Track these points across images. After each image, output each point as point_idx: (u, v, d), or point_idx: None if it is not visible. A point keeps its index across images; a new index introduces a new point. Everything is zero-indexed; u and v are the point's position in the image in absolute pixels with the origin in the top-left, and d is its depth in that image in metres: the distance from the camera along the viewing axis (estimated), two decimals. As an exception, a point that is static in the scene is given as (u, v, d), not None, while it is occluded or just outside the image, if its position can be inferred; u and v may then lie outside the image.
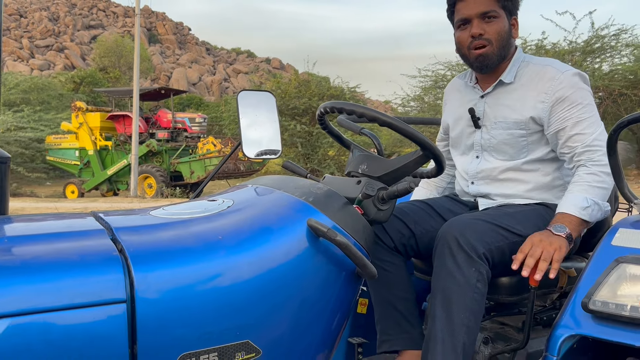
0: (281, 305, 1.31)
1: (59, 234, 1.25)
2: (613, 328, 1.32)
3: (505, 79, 1.91)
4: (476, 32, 1.85)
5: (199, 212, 1.39)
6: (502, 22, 1.87)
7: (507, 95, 1.91)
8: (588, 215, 1.71)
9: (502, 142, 1.91)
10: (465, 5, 1.87)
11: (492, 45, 1.86)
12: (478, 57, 1.88)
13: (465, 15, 1.87)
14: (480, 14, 1.85)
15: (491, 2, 1.85)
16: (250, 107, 2.03)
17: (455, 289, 1.60)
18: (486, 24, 1.85)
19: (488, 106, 1.95)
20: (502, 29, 1.86)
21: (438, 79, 20.57)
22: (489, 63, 1.89)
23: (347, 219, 1.43)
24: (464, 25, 1.89)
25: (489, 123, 1.94)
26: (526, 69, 1.91)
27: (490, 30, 1.85)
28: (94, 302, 1.11)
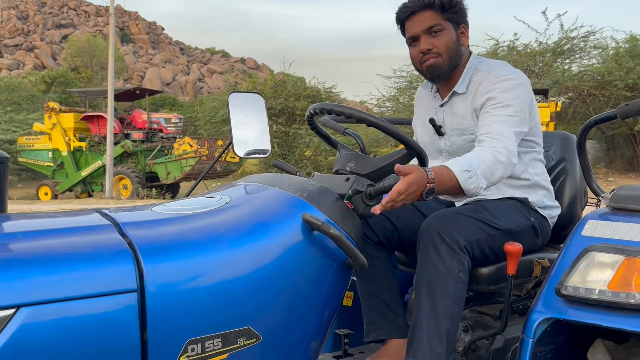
0: (279, 295, 1.40)
1: (70, 229, 1.32)
2: (583, 311, 1.44)
3: (458, 89, 2.01)
4: (424, 47, 1.94)
5: (199, 208, 1.47)
6: (449, 34, 1.95)
7: (460, 104, 2.02)
8: (464, 179, 1.65)
9: (460, 147, 2.02)
10: (411, 24, 1.96)
11: (442, 57, 1.95)
12: (429, 68, 1.97)
13: (412, 33, 1.97)
14: (426, 30, 1.93)
15: (435, 17, 1.93)
16: (240, 108, 2.12)
17: (439, 279, 1.71)
18: (433, 38, 1.94)
19: (446, 114, 2.06)
20: (449, 40, 1.95)
21: (413, 80, 20.86)
22: (439, 73, 1.97)
23: (338, 214, 1.52)
24: (414, 42, 1.99)
25: (448, 130, 2.05)
26: (476, 76, 1.99)
27: (438, 43, 1.94)
28: (107, 291, 1.18)
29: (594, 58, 19.76)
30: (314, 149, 21.19)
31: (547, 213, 2.04)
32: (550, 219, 2.05)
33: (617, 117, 1.52)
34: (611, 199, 1.61)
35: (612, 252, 1.44)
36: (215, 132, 23.17)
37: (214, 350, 1.28)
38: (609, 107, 17.37)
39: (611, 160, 20.97)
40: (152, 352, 1.21)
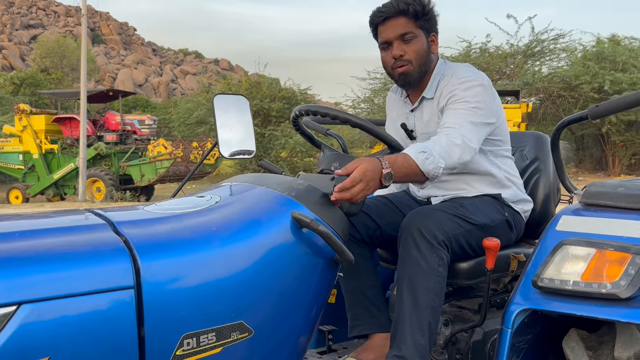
0: (270, 290, 1.45)
1: (66, 228, 1.35)
2: (558, 301, 1.52)
3: (427, 94, 2.08)
4: (397, 53, 2.00)
5: (191, 208, 1.51)
6: (421, 42, 2.01)
7: (429, 108, 2.09)
8: (421, 160, 1.69)
9: None
10: (385, 29, 2.01)
11: (413, 64, 2.01)
12: (400, 75, 2.03)
13: (385, 38, 2.02)
14: (399, 36, 1.99)
15: (408, 24, 1.98)
16: (225, 110, 2.16)
17: (420, 274, 1.77)
18: (405, 44, 1.99)
19: (416, 119, 2.14)
20: (420, 48, 2.01)
21: (387, 82, 21.00)
22: (410, 80, 2.04)
23: (326, 211, 1.58)
24: (386, 47, 2.04)
25: (419, 134, 2.13)
26: (442, 81, 2.05)
27: (410, 51, 1.99)
28: (104, 288, 1.22)
29: (563, 60, 20.20)
30: (289, 150, 21.22)
31: (520, 207, 2.13)
32: (523, 213, 2.13)
33: (588, 118, 1.61)
34: (583, 196, 1.69)
35: (585, 246, 1.52)
36: (190, 133, 23.03)
37: (208, 344, 1.33)
38: (578, 108, 17.76)
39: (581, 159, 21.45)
40: (149, 347, 1.25)
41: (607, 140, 18.92)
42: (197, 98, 24.29)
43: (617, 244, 1.47)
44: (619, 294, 1.39)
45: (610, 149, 19.16)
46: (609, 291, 1.41)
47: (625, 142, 18.73)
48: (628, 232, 1.50)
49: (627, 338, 1.49)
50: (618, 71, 17.65)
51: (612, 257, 1.47)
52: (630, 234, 1.49)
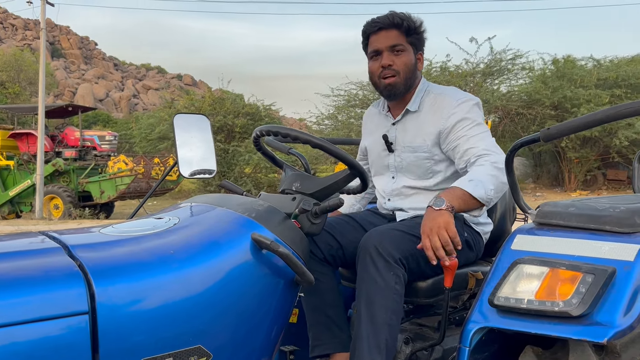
0: (229, 312, 1.43)
1: (18, 253, 1.32)
2: (514, 319, 1.55)
3: (411, 107, 2.14)
4: (386, 62, 2.07)
5: (148, 230, 1.49)
6: (409, 56, 2.10)
7: (413, 122, 2.15)
8: (472, 187, 1.81)
9: (410, 163, 2.13)
10: (377, 38, 2.10)
11: (400, 76, 2.08)
12: (387, 86, 2.10)
13: (376, 47, 2.10)
14: (390, 47, 2.07)
15: (400, 37, 2.08)
16: (186, 129, 2.15)
17: (377, 291, 1.79)
18: (395, 56, 2.08)
19: (398, 132, 2.18)
20: (409, 62, 2.10)
21: (350, 99, 21.22)
22: (396, 92, 2.11)
23: (286, 232, 1.58)
24: (376, 56, 2.12)
25: (400, 147, 2.17)
26: (427, 97, 2.14)
27: (399, 62, 2.08)
28: (58, 314, 1.19)
29: (522, 79, 20.76)
30: (253, 166, 21.13)
31: (481, 229, 2.17)
32: (484, 234, 2.18)
33: (540, 140, 1.66)
34: (537, 215, 1.73)
35: (538, 265, 1.56)
36: (152, 149, 22.71)
37: (165, 370, 1.31)
38: (536, 125, 18.26)
39: (538, 175, 21.99)
40: (105, 374, 1.23)
41: (564, 157, 19.47)
42: (160, 113, 24.01)
43: (568, 263, 1.51)
44: (571, 312, 1.42)
45: (567, 166, 19.71)
46: (561, 309, 1.44)
47: (581, 159, 19.30)
48: (579, 251, 1.54)
49: (579, 354, 1.52)
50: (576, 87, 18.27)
51: (564, 276, 1.50)
52: (581, 253, 1.53)
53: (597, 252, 1.51)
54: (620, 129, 17.50)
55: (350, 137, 18.71)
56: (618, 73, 19.21)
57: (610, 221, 1.57)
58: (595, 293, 1.42)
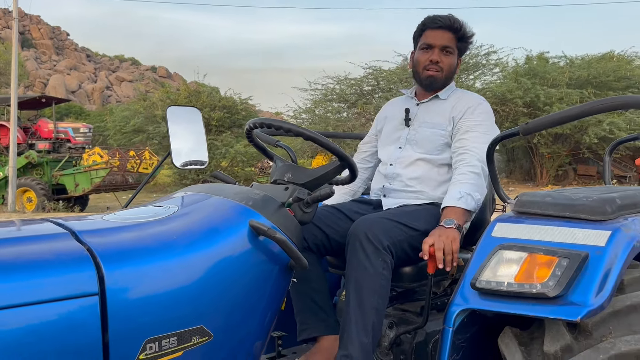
0: (229, 295, 1.51)
1: (28, 238, 1.37)
2: (494, 301, 1.66)
3: (441, 95, 2.36)
4: (435, 58, 2.29)
5: (150, 217, 1.56)
6: (454, 58, 2.33)
7: (437, 106, 2.36)
8: (463, 203, 2.05)
9: (424, 137, 2.32)
10: (433, 34, 2.30)
11: (442, 72, 2.31)
12: (429, 77, 2.31)
13: (431, 42, 2.30)
14: (442, 46, 2.29)
15: (452, 40, 2.30)
16: (178, 121, 2.21)
17: (366, 277, 1.89)
18: (444, 55, 2.30)
19: (420, 111, 2.38)
20: (452, 63, 2.33)
21: (328, 93, 21.30)
22: (435, 85, 2.33)
23: (281, 220, 1.66)
24: (426, 49, 2.31)
25: (417, 122, 2.35)
26: (456, 93, 2.37)
27: (445, 61, 2.30)
28: (69, 295, 1.25)
29: (496, 75, 21.09)
30: (230, 160, 21.10)
31: None
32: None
33: (520, 134, 1.77)
34: (515, 205, 1.84)
35: (518, 250, 1.67)
36: (127, 142, 22.49)
37: (170, 349, 1.38)
38: (509, 122, 18.59)
39: (511, 171, 22.43)
40: (113, 352, 1.29)
41: (536, 152, 19.87)
42: (134, 106, 23.78)
43: (545, 248, 1.63)
44: (547, 293, 1.54)
45: (539, 161, 20.13)
46: (539, 291, 1.55)
47: (552, 154, 19.72)
48: (555, 238, 1.65)
49: (554, 333, 1.63)
50: (549, 87, 18.63)
51: (541, 260, 1.62)
52: (557, 239, 1.64)
53: (572, 238, 1.62)
54: (591, 126, 17.94)
55: (327, 130, 18.84)
56: (589, 71, 19.67)
57: (584, 210, 1.68)
58: (570, 276, 1.54)
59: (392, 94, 19.76)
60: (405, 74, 20.03)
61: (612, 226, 1.62)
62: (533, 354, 1.68)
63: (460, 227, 2.01)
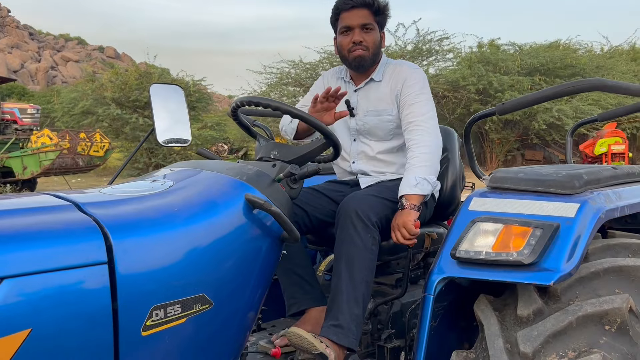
0: (228, 265, 1.58)
1: (36, 209, 1.39)
2: (473, 270, 1.78)
3: (375, 77, 2.37)
4: (357, 39, 2.29)
5: (148, 190, 1.60)
6: (376, 34, 2.33)
7: (376, 90, 2.37)
8: (419, 189, 2.11)
9: (373, 126, 2.35)
10: (349, 15, 2.29)
11: (368, 51, 2.30)
12: (357, 57, 2.31)
13: (348, 24, 2.30)
14: (361, 25, 2.29)
15: (370, 17, 2.30)
16: (161, 99, 2.24)
17: (357, 252, 1.98)
18: (365, 33, 2.30)
19: (360, 98, 2.39)
20: (376, 39, 2.33)
21: (283, 77, 21.25)
22: (365, 64, 2.33)
23: (275, 194, 1.73)
24: (347, 32, 2.31)
25: (362, 112, 2.38)
26: (387, 68, 2.38)
27: (368, 39, 2.30)
28: (80, 264, 1.29)
29: (449, 61, 21.49)
30: (183, 143, 20.79)
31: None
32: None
33: (496, 114, 1.88)
34: (490, 180, 1.97)
35: (494, 222, 1.79)
36: (75, 124, 21.84)
37: (174, 315, 1.44)
38: (461, 108, 19.02)
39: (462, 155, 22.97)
40: (122, 319, 1.34)
41: (486, 138, 20.41)
42: (82, 87, 23.08)
43: (520, 220, 1.75)
44: (523, 261, 1.66)
45: (489, 146, 20.69)
46: (515, 259, 1.68)
47: (502, 140, 20.32)
48: (528, 210, 1.78)
49: (526, 298, 1.77)
50: (501, 74, 19.12)
51: (516, 231, 1.74)
52: (530, 212, 1.77)
53: (544, 211, 1.76)
54: (539, 113, 18.55)
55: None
56: (538, 59, 20.30)
57: (554, 184, 1.82)
58: (544, 244, 1.67)
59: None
60: (360, 59, 20.13)
61: (580, 199, 1.76)
62: (507, 318, 1.81)
63: (416, 207, 2.10)
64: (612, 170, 2.02)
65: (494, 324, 1.77)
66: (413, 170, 2.14)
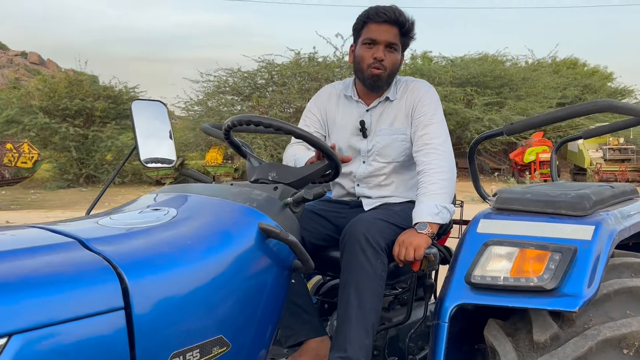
0: (244, 302, 1.45)
1: (37, 249, 1.20)
2: (490, 296, 1.72)
3: (391, 96, 2.24)
4: (380, 56, 2.14)
5: (153, 221, 1.44)
6: (398, 55, 2.20)
7: (389, 109, 2.24)
8: (440, 218, 2.03)
9: (386, 146, 2.22)
10: (378, 29, 2.15)
11: (386, 71, 2.17)
12: (373, 76, 2.17)
13: (375, 38, 2.15)
14: (387, 43, 2.15)
15: (397, 36, 2.16)
16: (143, 116, 2.07)
17: (367, 278, 1.88)
18: (388, 52, 2.16)
19: (373, 117, 2.26)
20: (397, 60, 2.20)
21: (221, 85, 20.93)
22: (380, 84, 2.19)
23: (286, 221, 1.61)
24: (370, 45, 2.16)
25: (374, 132, 2.24)
26: (400, 85, 2.26)
27: (389, 59, 2.16)
28: (96, 311, 1.13)
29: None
30: (116, 153, 20.07)
31: None
32: None
33: (504, 134, 1.85)
34: (495, 202, 1.93)
35: (508, 245, 1.75)
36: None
37: (194, 361, 1.29)
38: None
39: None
40: (141, 369, 1.19)
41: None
42: (6, 95, 21.85)
43: (536, 243, 1.72)
44: (545, 286, 1.62)
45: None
46: (536, 284, 1.64)
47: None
48: (542, 233, 1.75)
49: (541, 323, 1.73)
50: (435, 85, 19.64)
51: (532, 255, 1.71)
52: (544, 234, 1.74)
53: (560, 233, 1.73)
54: (471, 122, 19.17)
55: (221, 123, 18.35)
56: (469, 71, 21.01)
57: (565, 206, 1.80)
58: (564, 269, 1.63)
59: (286, 87, 19.84)
60: (299, 69, 20.17)
61: (594, 221, 1.74)
62: (520, 344, 1.77)
63: (433, 235, 2.03)
64: (611, 189, 2.03)
65: (510, 351, 1.72)
66: (433, 197, 2.05)
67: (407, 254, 1.93)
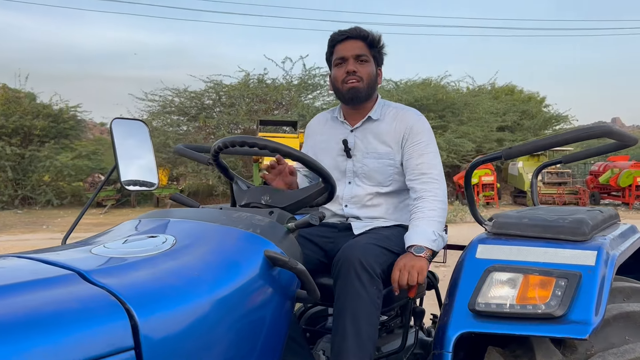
0: (252, 337, 1.35)
1: (35, 283, 1.06)
2: (495, 324, 1.68)
3: (373, 115, 2.22)
4: (351, 69, 2.15)
5: (153, 250, 1.32)
6: (372, 67, 2.20)
7: (374, 130, 2.22)
8: (436, 246, 2.01)
9: (372, 169, 2.19)
10: (343, 47, 2.18)
11: (363, 82, 2.17)
12: (351, 89, 2.16)
13: (342, 55, 2.17)
14: (355, 56, 2.17)
15: (364, 49, 2.18)
16: (124, 136, 1.94)
17: (363, 306, 1.80)
18: (359, 64, 2.17)
19: (357, 138, 2.23)
20: (371, 72, 2.20)
21: (166, 104, 20.53)
22: (359, 96, 2.18)
23: (291, 247, 1.53)
24: (341, 64, 2.19)
25: (360, 153, 2.21)
26: (388, 109, 2.25)
27: (363, 70, 2.17)
28: (105, 352, 1.01)
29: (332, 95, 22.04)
30: (55, 173, 19.27)
31: None
32: None
33: (502, 158, 1.83)
34: (492, 226, 1.90)
35: (511, 272, 1.72)
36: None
37: (204, 405, 1.18)
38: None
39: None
40: (151, 416, 1.07)
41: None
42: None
43: (539, 269, 1.69)
44: (553, 313, 1.59)
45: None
46: (544, 311, 1.61)
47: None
48: (544, 258, 1.73)
49: (545, 351, 1.70)
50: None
51: (535, 281, 1.68)
52: (548, 260, 1.72)
53: (562, 259, 1.71)
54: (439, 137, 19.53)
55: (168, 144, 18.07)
56: (413, 95, 21.49)
57: (564, 231, 1.79)
58: (571, 295, 1.61)
59: (234, 108, 19.67)
60: (247, 91, 20.07)
61: (594, 246, 1.73)
62: (523, 372, 1.73)
63: (431, 259, 2.00)
64: (601, 214, 2.04)
65: (513, 379, 1.69)
66: (431, 223, 2.03)
67: (411, 278, 1.88)
